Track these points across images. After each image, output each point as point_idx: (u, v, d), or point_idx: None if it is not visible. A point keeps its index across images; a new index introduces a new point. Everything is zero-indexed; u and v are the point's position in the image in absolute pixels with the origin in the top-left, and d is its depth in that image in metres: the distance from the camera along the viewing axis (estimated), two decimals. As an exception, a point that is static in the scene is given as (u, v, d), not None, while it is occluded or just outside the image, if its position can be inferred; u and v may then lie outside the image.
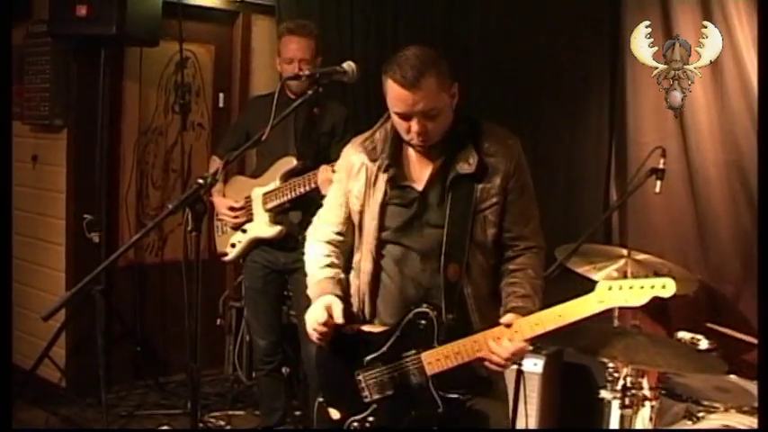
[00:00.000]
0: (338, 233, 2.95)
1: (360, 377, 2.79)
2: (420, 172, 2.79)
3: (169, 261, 5.76)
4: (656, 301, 2.38)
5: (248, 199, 4.35)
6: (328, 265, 2.91)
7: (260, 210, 4.30)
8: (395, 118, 2.70)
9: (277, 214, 4.28)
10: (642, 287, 2.39)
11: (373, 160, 2.82)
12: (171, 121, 5.76)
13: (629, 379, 3.56)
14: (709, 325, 3.94)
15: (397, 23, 5.63)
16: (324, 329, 2.74)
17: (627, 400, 3.56)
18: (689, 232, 4.35)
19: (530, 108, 5.00)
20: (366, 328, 2.82)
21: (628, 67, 4.50)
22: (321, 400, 2.91)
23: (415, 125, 2.64)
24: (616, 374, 3.66)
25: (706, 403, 3.45)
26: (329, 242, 2.96)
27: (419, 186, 2.76)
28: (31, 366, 4.96)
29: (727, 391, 3.57)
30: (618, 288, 2.42)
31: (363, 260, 2.83)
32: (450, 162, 2.74)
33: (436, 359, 2.66)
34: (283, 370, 4.71)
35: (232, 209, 4.38)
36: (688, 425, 3.36)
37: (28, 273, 5.49)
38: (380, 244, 2.80)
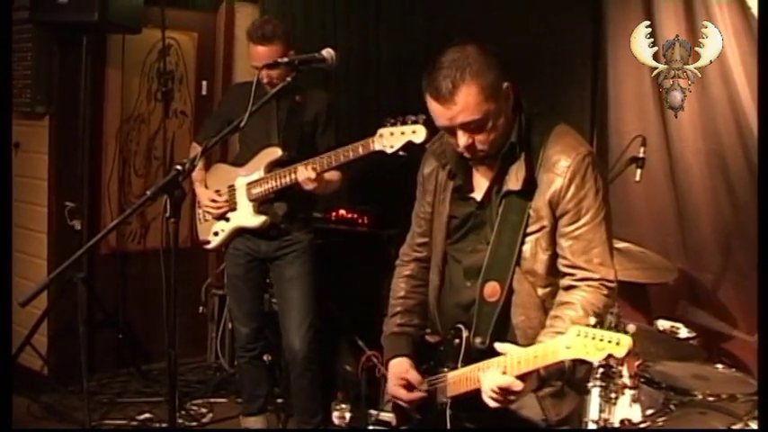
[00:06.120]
0: (421, 244, 2.79)
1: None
2: (482, 182, 2.57)
3: (152, 249, 5.72)
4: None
5: (231, 188, 4.33)
6: (399, 313, 2.80)
7: (244, 199, 4.28)
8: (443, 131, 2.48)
9: (261, 204, 4.27)
10: (602, 339, 2.12)
11: (443, 165, 2.62)
12: (153, 108, 5.73)
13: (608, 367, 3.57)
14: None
15: (379, 10, 5.62)
16: (411, 399, 2.65)
17: (606, 388, 3.58)
18: (669, 221, 4.38)
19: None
20: (428, 337, 2.74)
21: (609, 56, 4.51)
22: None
23: (461, 139, 2.39)
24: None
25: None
26: (414, 260, 2.83)
27: (479, 198, 2.56)
28: (12, 354, 4.94)
29: (706, 379, 3.60)
30: (584, 336, 2.13)
31: (432, 273, 2.71)
32: (503, 174, 2.49)
33: (453, 382, 2.52)
34: (265, 357, 4.71)
35: (214, 201, 4.38)
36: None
37: (9, 260, 5.48)
38: (445, 257, 2.66)
